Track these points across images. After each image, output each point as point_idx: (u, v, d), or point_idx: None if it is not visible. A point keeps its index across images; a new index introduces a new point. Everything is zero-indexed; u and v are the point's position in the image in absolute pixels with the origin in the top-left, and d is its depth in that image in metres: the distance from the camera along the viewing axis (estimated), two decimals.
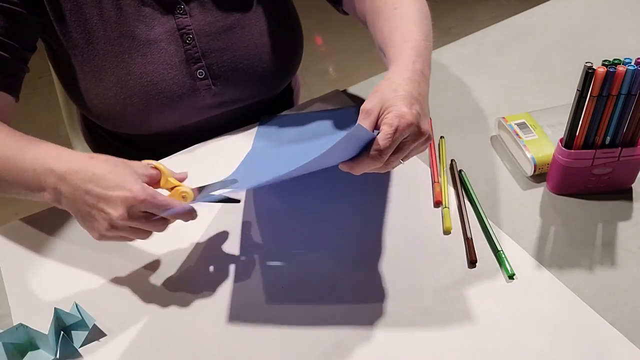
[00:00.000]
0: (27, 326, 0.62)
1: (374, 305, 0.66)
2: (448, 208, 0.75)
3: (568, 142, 0.73)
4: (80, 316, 0.64)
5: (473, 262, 0.69)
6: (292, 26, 0.93)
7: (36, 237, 0.75)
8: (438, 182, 0.79)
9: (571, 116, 0.70)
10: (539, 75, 0.99)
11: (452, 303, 0.65)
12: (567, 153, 0.73)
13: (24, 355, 0.63)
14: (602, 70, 0.65)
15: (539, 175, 0.79)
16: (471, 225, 0.73)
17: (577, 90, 0.68)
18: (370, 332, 0.63)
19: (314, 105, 0.95)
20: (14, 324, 0.61)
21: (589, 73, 0.66)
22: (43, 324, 0.63)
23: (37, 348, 0.63)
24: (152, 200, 0.61)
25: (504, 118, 0.84)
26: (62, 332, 0.63)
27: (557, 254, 0.70)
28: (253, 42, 0.87)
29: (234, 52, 0.86)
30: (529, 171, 0.79)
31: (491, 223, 0.73)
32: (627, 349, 0.60)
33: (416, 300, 0.66)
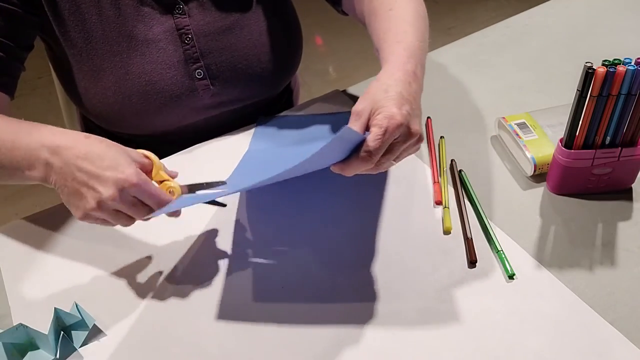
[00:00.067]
0: (27, 326, 0.62)
1: (374, 305, 0.66)
2: (448, 208, 0.75)
3: (568, 142, 0.73)
4: (80, 316, 0.64)
5: (473, 262, 0.69)
6: (292, 26, 0.93)
7: (36, 237, 0.75)
8: (438, 182, 0.79)
9: (571, 116, 0.70)
10: (539, 75, 0.99)
11: (452, 303, 0.65)
12: (567, 153, 0.73)
13: (24, 355, 0.63)
14: (602, 70, 0.65)
15: (539, 175, 0.79)
16: (471, 225, 0.73)
17: (577, 90, 0.68)
18: (370, 332, 0.63)
19: (314, 105, 0.95)
20: (14, 324, 0.61)
21: (589, 73, 0.66)
22: (43, 324, 0.63)
23: (37, 348, 0.63)
24: (144, 186, 0.61)
25: (504, 118, 0.84)
26: (62, 332, 0.63)
27: (557, 254, 0.70)
28: (252, 42, 0.87)
29: (233, 52, 0.86)
30: (529, 171, 0.79)
31: (491, 223, 0.73)
32: (627, 349, 0.60)
33: (416, 300, 0.66)
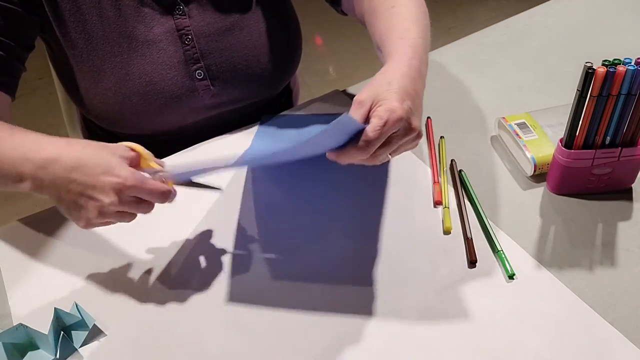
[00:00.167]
0: (27, 326, 0.62)
1: (374, 305, 0.66)
2: (448, 208, 0.75)
3: (568, 142, 0.73)
4: (80, 316, 0.64)
5: (473, 262, 0.69)
6: (291, 27, 0.93)
7: (36, 238, 0.75)
8: (438, 182, 0.79)
9: (571, 116, 0.70)
10: (539, 75, 0.99)
11: (452, 303, 0.65)
12: (567, 153, 0.73)
13: (24, 355, 0.63)
14: (602, 70, 0.65)
15: (539, 175, 0.79)
16: (471, 225, 0.73)
17: (577, 90, 0.68)
18: (370, 332, 0.63)
19: (314, 105, 0.95)
20: (14, 324, 0.61)
21: (589, 73, 0.66)
22: (43, 324, 0.63)
23: (37, 348, 0.63)
24: (142, 185, 0.60)
25: (504, 118, 0.84)
26: (62, 332, 0.63)
27: (557, 254, 0.70)
28: (252, 43, 0.87)
29: (233, 53, 0.86)
30: (529, 171, 0.79)
31: (491, 223, 0.73)
32: (627, 349, 0.60)
33: (416, 300, 0.66)
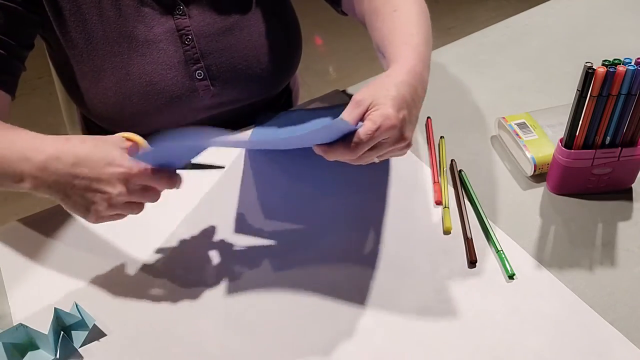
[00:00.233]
0: (27, 326, 0.62)
1: (374, 305, 0.66)
2: (448, 208, 0.75)
3: (568, 142, 0.73)
4: (80, 316, 0.64)
5: (473, 262, 0.69)
6: (291, 27, 0.93)
7: (36, 238, 0.75)
8: (438, 182, 0.79)
9: (571, 116, 0.70)
10: (539, 75, 0.99)
11: (452, 303, 0.65)
12: (567, 153, 0.73)
13: (24, 355, 0.63)
14: (602, 70, 0.65)
15: (539, 175, 0.79)
16: (471, 225, 0.73)
17: (577, 90, 0.68)
18: (370, 332, 0.63)
19: (313, 105, 0.95)
20: (14, 324, 0.61)
21: (589, 73, 0.66)
22: (43, 324, 0.63)
23: (37, 348, 0.63)
24: (147, 172, 0.60)
25: (504, 118, 0.84)
26: (62, 332, 0.63)
27: (557, 254, 0.70)
28: (252, 43, 0.87)
29: (233, 53, 0.86)
30: (529, 171, 0.79)
31: (491, 223, 0.73)
32: (627, 349, 0.60)
33: (416, 299, 0.66)
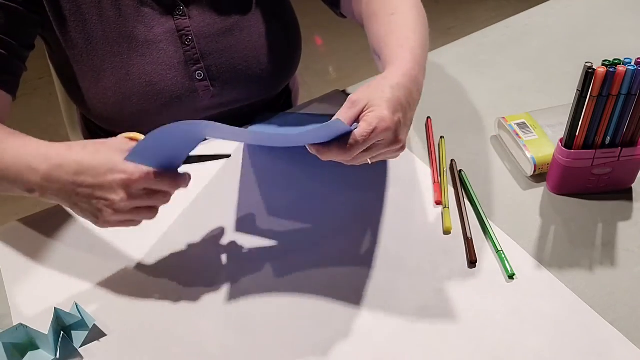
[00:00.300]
0: (27, 326, 0.62)
1: (374, 304, 0.66)
2: (448, 208, 0.75)
3: (568, 142, 0.73)
4: (80, 316, 0.64)
5: (473, 262, 0.69)
6: (291, 28, 0.93)
7: (36, 238, 0.75)
8: (438, 182, 0.79)
9: (571, 116, 0.70)
10: (539, 75, 0.99)
11: (452, 303, 0.65)
12: (567, 153, 0.73)
13: (24, 355, 0.63)
14: (602, 70, 0.65)
15: (539, 175, 0.79)
16: (471, 225, 0.73)
17: (577, 90, 0.68)
18: (370, 331, 0.63)
19: (313, 105, 0.95)
20: (14, 324, 0.61)
21: (589, 73, 0.66)
22: (43, 324, 0.63)
23: (37, 348, 0.63)
24: (150, 176, 0.60)
25: (504, 118, 0.84)
26: (62, 332, 0.63)
27: (557, 254, 0.70)
28: (252, 44, 0.87)
29: (233, 54, 0.86)
30: (529, 171, 0.79)
31: (491, 223, 0.73)
32: (627, 349, 0.60)
33: (416, 299, 0.66)
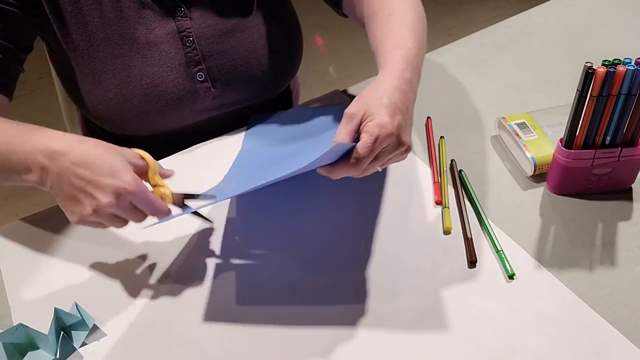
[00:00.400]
0: (27, 326, 0.62)
1: (374, 305, 0.66)
2: (448, 208, 0.75)
3: (568, 142, 0.73)
4: (80, 316, 0.64)
5: (473, 262, 0.69)
6: (292, 29, 0.93)
7: (36, 237, 0.75)
8: (438, 182, 0.79)
9: (571, 116, 0.70)
10: (539, 75, 0.99)
11: (452, 303, 0.65)
12: (567, 153, 0.73)
13: (24, 355, 0.63)
14: (602, 70, 0.65)
15: (539, 175, 0.79)
16: (471, 225, 0.73)
17: (577, 90, 0.68)
18: (370, 332, 0.63)
19: (313, 105, 0.95)
20: (14, 324, 0.62)
21: (589, 73, 0.66)
22: (43, 324, 0.63)
23: (37, 348, 0.63)
24: (141, 194, 0.60)
25: (504, 118, 0.84)
26: (62, 332, 0.63)
27: (557, 254, 0.70)
28: (253, 46, 0.87)
29: (234, 55, 0.86)
30: (529, 171, 0.79)
31: (491, 223, 0.73)
32: (627, 349, 0.60)
33: (416, 300, 0.66)
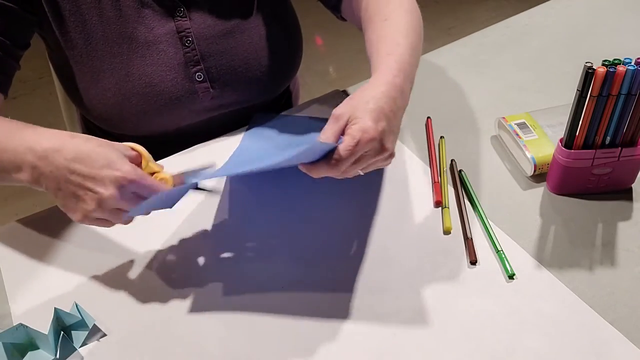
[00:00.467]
0: (27, 326, 0.62)
1: (374, 305, 0.66)
2: (448, 208, 0.75)
3: (568, 142, 0.73)
4: (80, 316, 0.64)
5: (473, 262, 0.69)
6: (292, 30, 0.93)
7: (36, 238, 0.75)
8: (438, 182, 0.79)
9: (571, 116, 0.70)
10: (539, 75, 0.99)
11: (452, 303, 0.65)
12: (567, 153, 0.73)
13: (24, 355, 0.63)
14: (602, 70, 0.65)
15: (539, 175, 0.79)
16: (471, 225, 0.73)
17: (577, 90, 0.68)
18: (369, 332, 0.63)
19: (314, 105, 0.95)
20: (14, 324, 0.62)
21: (589, 73, 0.66)
22: (43, 324, 0.63)
23: (37, 348, 0.63)
24: (142, 181, 0.60)
25: (504, 118, 0.84)
26: (62, 332, 0.63)
27: (557, 254, 0.70)
28: (252, 47, 0.87)
29: (233, 56, 0.86)
30: (529, 171, 0.79)
31: (491, 223, 0.73)
32: (627, 349, 0.60)
33: (416, 300, 0.66)
